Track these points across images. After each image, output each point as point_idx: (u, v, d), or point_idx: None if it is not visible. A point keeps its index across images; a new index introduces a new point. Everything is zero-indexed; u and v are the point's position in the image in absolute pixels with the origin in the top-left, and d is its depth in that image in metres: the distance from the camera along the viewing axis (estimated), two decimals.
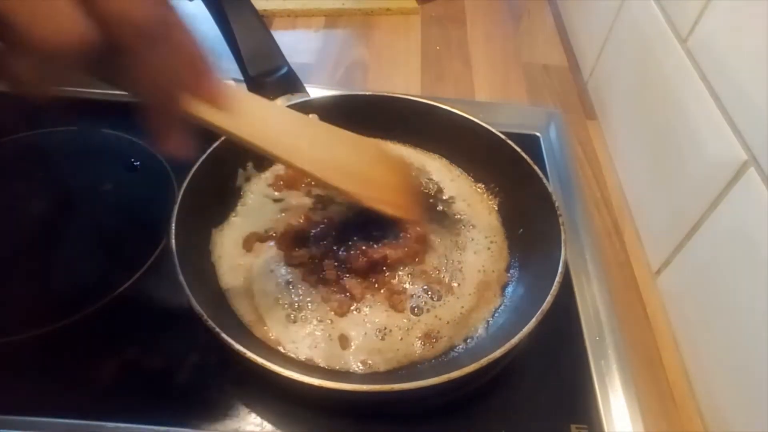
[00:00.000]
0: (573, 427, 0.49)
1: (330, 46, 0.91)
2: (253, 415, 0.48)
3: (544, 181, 0.57)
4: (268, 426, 0.47)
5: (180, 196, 0.52)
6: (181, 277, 0.47)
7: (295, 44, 0.90)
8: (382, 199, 0.54)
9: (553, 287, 0.48)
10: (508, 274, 0.57)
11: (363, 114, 0.66)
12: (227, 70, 0.71)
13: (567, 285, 0.58)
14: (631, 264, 0.65)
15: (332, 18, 0.96)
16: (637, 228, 0.68)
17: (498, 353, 0.44)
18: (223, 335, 0.44)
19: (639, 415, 0.50)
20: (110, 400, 0.48)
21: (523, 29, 0.99)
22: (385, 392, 0.44)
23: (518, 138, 0.62)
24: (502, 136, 0.61)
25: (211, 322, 0.44)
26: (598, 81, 0.84)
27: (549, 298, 0.48)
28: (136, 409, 0.47)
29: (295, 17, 0.95)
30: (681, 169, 0.60)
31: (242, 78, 0.69)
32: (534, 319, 0.46)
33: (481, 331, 0.53)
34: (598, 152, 0.77)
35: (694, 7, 0.58)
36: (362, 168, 0.53)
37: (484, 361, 0.44)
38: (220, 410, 0.48)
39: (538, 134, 0.75)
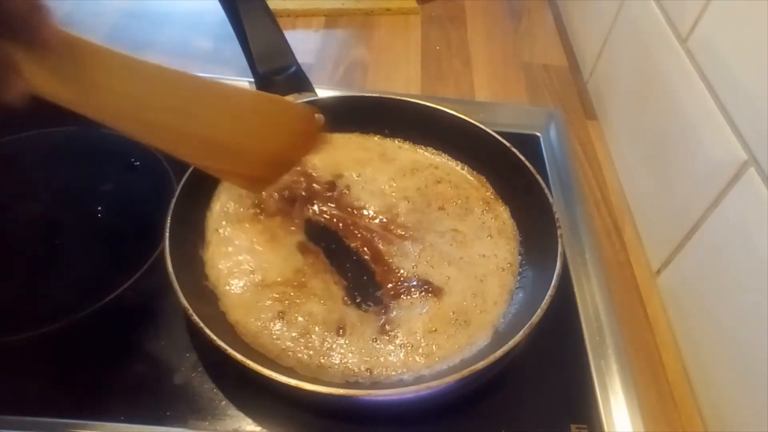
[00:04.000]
0: (573, 427, 0.49)
1: (330, 46, 0.91)
2: (253, 414, 0.48)
3: (546, 191, 0.57)
4: (267, 427, 0.47)
5: (177, 193, 0.53)
6: (172, 273, 0.47)
7: (295, 44, 0.89)
8: (234, 170, 0.49)
9: (545, 300, 0.48)
10: (516, 280, 0.57)
11: (369, 115, 0.66)
12: (237, 66, 0.71)
13: (567, 285, 0.58)
14: (631, 264, 0.65)
15: (332, 18, 0.96)
16: (637, 228, 0.68)
17: (480, 365, 0.44)
18: (207, 330, 0.44)
19: (639, 415, 0.50)
20: (110, 400, 0.48)
21: (523, 29, 0.99)
22: (359, 398, 0.44)
23: (518, 138, 0.62)
24: (507, 144, 0.61)
25: (191, 311, 0.45)
26: (598, 81, 0.84)
27: (539, 311, 0.47)
28: (136, 409, 0.47)
29: (295, 17, 0.94)
30: (681, 169, 0.60)
31: (251, 74, 0.69)
32: (519, 335, 0.46)
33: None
34: (598, 152, 0.77)
35: (694, 7, 0.58)
36: (214, 128, 0.46)
37: (466, 372, 0.44)
38: (219, 410, 0.48)
39: (538, 134, 0.75)
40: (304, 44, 0.89)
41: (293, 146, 0.53)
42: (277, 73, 0.68)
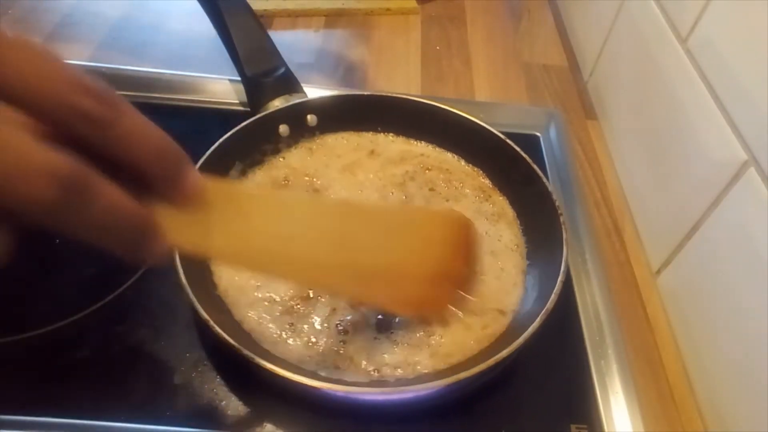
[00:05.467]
0: (573, 427, 0.49)
1: (330, 46, 0.91)
2: (253, 414, 0.48)
3: (544, 179, 0.57)
4: (268, 426, 0.48)
5: None
6: (186, 285, 0.46)
7: (295, 44, 0.90)
8: (403, 298, 0.45)
9: (557, 285, 0.48)
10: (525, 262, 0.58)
11: (362, 113, 0.66)
12: (225, 71, 0.71)
13: (567, 285, 0.58)
14: (631, 264, 0.65)
15: (332, 18, 0.96)
16: (637, 228, 0.68)
17: (505, 353, 0.45)
18: (232, 341, 0.44)
19: (639, 415, 0.50)
20: (110, 400, 0.48)
21: (523, 29, 0.99)
22: (388, 397, 0.45)
23: (518, 138, 0.62)
24: (501, 135, 0.62)
25: (212, 323, 0.44)
26: (598, 81, 0.84)
27: (553, 296, 0.48)
28: (136, 409, 0.47)
29: (295, 17, 0.94)
30: (681, 169, 0.60)
31: (239, 78, 0.69)
32: (538, 320, 0.46)
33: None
34: (598, 152, 0.77)
35: (694, 7, 0.58)
36: (380, 256, 0.43)
37: (491, 361, 0.44)
38: (219, 410, 0.48)
39: (538, 134, 0.74)
40: (304, 44, 0.89)
41: (447, 258, 0.48)
42: (266, 75, 0.67)
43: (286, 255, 0.38)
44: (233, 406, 0.48)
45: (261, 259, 0.38)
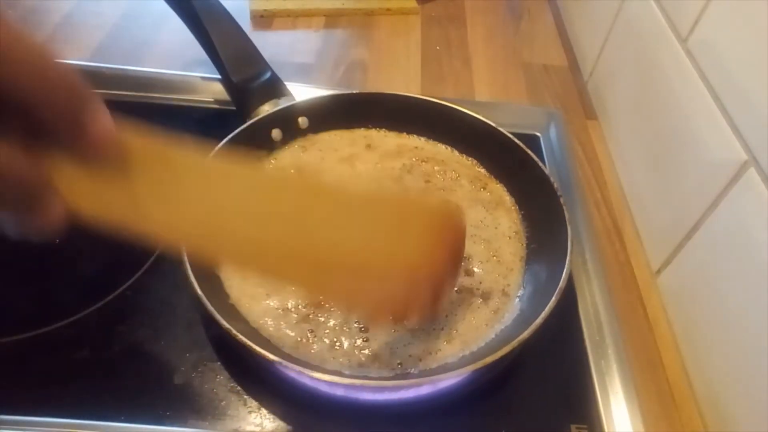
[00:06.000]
0: (573, 427, 0.49)
1: (330, 46, 0.91)
2: (253, 414, 0.48)
3: (540, 164, 0.58)
4: (268, 426, 0.48)
5: None
6: (202, 296, 0.46)
7: (295, 44, 0.90)
8: (373, 297, 0.37)
9: (566, 265, 0.49)
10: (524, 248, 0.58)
11: (351, 112, 0.66)
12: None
13: (567, 284, 0.58)
14: (631, 264, 0.65)
15: (332, 18, 0.96)
16: (637, 228, 0.68)
17: (526, 334, 0.45)
18: (259, 349, 0.43)
19: (639, 415, 0.50)
20: (110, 400, 0.48)
21: (523, 29, 0.99)
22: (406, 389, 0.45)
23: (518, 138, 0.62)
24: (491, 123, 0.62)
25: (234, 331, 0.44)
26: (598, 81, 0.84)
27: (564, 274, 0.49)
28: (136, 409, 0.47)
29: (295, 17, 0.94)
30: (681, 169, 0.60)
31: (226, 84, 0.68)
32: (553, 299, 0.47)
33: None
34: (598, 152, 0.77)
35: (694, 7, 0.58)
36: (340, 243, 0.35)
37: (515, 343, 0.45)
38: (219, 410, 0.48)
39: (538, 134, 0.75)
40: (304, 44, 0.90)
41: (426, 253, 0.39)
42: (252, 80, 0.66)
43: (227, 233, 0.32)
44: (233, 406, 0.48)
45: (193, 235, 0.32)
